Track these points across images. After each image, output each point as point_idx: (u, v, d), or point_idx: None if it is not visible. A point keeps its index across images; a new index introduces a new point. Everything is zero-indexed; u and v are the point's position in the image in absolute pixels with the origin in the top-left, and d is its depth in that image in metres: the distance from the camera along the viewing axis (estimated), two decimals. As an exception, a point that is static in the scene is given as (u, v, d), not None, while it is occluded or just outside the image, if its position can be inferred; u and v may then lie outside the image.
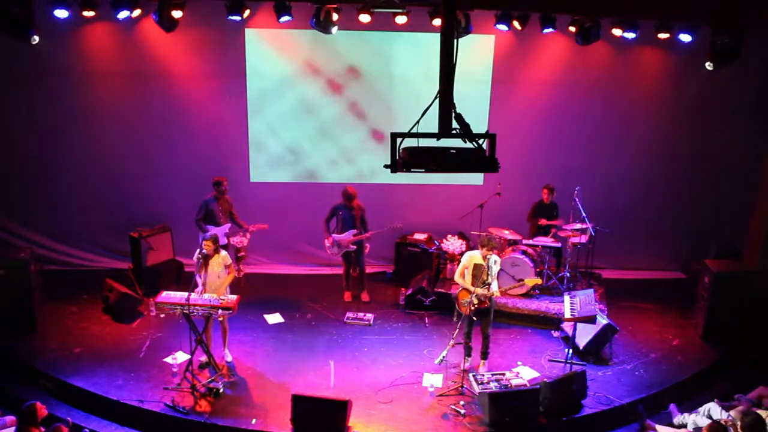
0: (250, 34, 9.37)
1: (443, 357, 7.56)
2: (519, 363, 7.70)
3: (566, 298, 7.61)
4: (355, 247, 8.86)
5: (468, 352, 7.49)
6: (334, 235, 8.81)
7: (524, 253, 8.85)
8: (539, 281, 7.83)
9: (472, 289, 7.10)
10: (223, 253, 7.27)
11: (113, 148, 9.61)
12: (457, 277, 7.31)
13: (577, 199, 8.88)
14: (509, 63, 9.67)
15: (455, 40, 4.67)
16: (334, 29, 8.38)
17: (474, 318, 7.19)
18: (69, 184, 9.67)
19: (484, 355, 7.47)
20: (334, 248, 8.86)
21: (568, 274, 9.08)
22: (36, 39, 7.54)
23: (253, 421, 6.50)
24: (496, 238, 7.49)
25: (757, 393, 6.73)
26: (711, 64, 8.41)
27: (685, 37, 8.51)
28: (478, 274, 7.12)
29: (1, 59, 8.84)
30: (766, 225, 8.62)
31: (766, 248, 8.57)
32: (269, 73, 9.58)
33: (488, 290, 7.03)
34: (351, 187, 8.75)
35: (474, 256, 7.22)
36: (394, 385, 7.19)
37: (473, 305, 7.09)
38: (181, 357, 7.34)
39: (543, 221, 9.30)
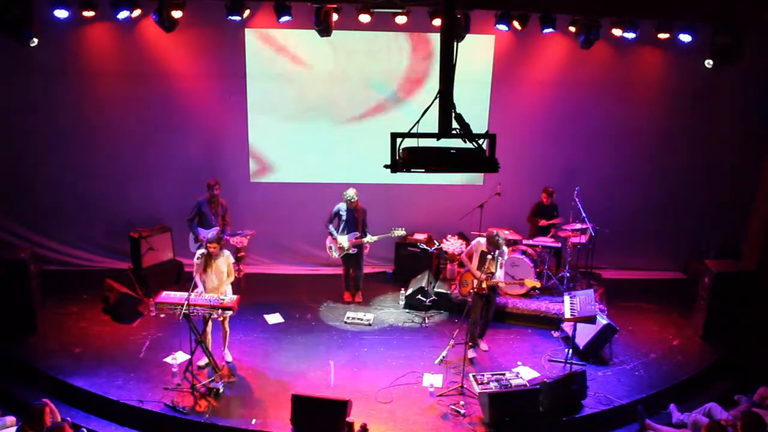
0: (250, 34, 9.36)
1: (443, 357, 7.57)
2: (519, 363, 7.70)
3: (566, 298, 7.61)
4: (355, 250, 8.85)
5: (472, 338, 7.58)
6: (338, 237, 8.81)
7: (524, 253, 8.86)
8: (538, 284, 7.93)
9: (477, 273, 7.45)
10: (226, 252, 7.29)
11: (113, 148, 9.61)
12: (464, 258, 7.77)
13: (577, 199, 8.88)
14: (509, 63, 9.67)
15: (455, 41, 4.67)
16: (334, 30, 8.38)
17: (468, 300, 7.42)
18: (69, 184, 9.66)
19: (481, 335, 7.89)
20: (334, 250, 8.85)
21: (568, 274, 9.09)
22: (35, 41, 7.55)
23: (253, 421, 6.50)
24: (503, 237, 7.58)
25: (760, 393, 6.72)
26: (710, 62, 8.45)
27: (685, 37, 8.51)
28: (484, 262, 7.45)
29: (1, 60, 8.84)
30: (766, 225, 8.62)
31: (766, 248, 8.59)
32: (269, 73, 9.57)
33: (492, 278, 7.38)
34: (353, 190, 8.74)
35: (483, 243, 7.59)
36: (394, 385, 7.19)
37: (473, 288, 7.42)
38: (181, 357, 7.34)
39: (543, 222, 9.31)
